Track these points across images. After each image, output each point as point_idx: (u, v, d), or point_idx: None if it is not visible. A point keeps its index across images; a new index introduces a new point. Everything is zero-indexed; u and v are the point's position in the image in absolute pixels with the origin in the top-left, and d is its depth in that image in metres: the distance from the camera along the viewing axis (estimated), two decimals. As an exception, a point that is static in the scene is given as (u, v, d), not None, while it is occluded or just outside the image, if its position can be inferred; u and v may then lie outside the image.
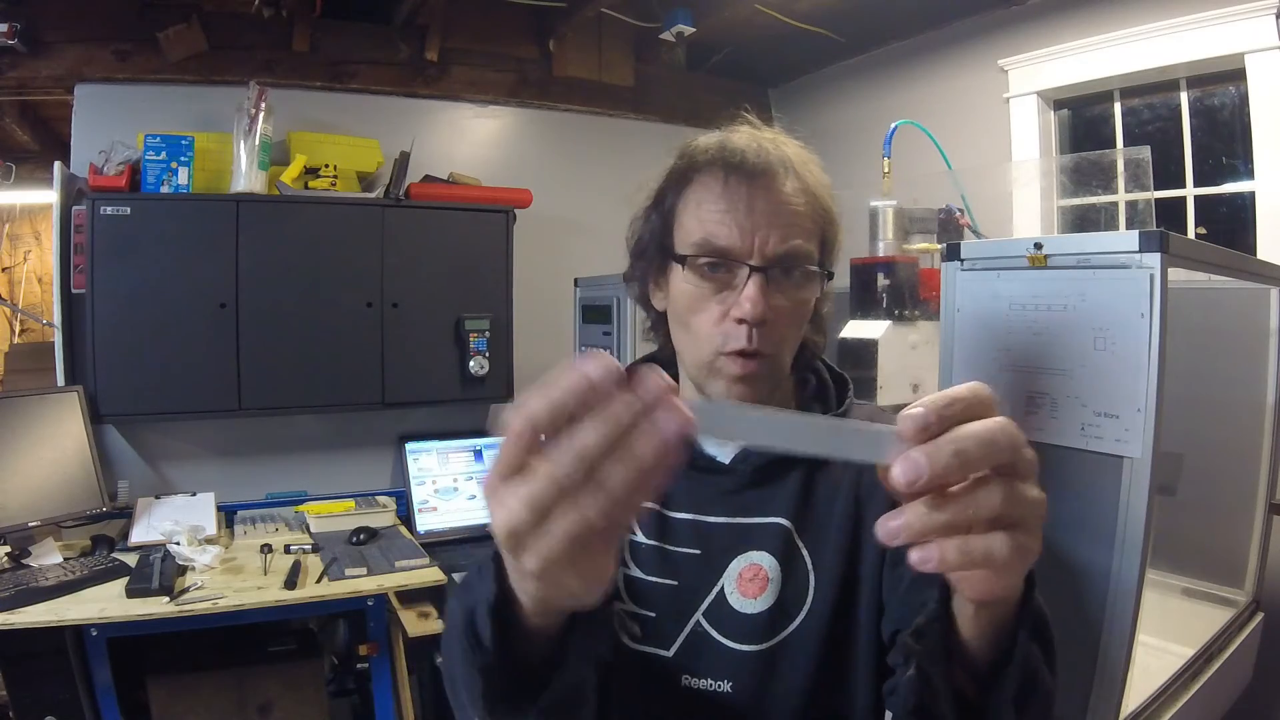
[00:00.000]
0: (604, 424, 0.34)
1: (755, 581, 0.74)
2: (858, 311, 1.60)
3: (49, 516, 2.03)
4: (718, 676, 0.73)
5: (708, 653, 0.73)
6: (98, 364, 2.15)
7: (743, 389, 0.72)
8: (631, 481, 0.34)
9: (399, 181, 2.49)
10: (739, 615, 0.73)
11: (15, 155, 3.35)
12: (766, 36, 2.80)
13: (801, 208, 0.72)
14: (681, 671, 0.73)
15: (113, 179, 2.19)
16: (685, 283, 0.72)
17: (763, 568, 0.74)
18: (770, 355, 0.72)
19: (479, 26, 2.81)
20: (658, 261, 0.76)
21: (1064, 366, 1.02)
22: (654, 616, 0.74)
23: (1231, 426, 1.56)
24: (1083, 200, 1.94)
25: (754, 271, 0.69)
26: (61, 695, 1.84)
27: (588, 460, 0.34)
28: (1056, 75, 2.29)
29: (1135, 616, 0.95)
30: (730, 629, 0.73)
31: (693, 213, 0.72)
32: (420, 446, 2.68)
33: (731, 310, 0.70)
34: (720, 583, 0.74)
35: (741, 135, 0.74)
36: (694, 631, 0.74)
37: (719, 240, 0.70)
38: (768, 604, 0.73)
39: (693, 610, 0.74)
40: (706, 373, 0.73)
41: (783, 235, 0.70)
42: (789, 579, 0.74)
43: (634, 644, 0.75)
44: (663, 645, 0.74)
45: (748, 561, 0.74)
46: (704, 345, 0.72)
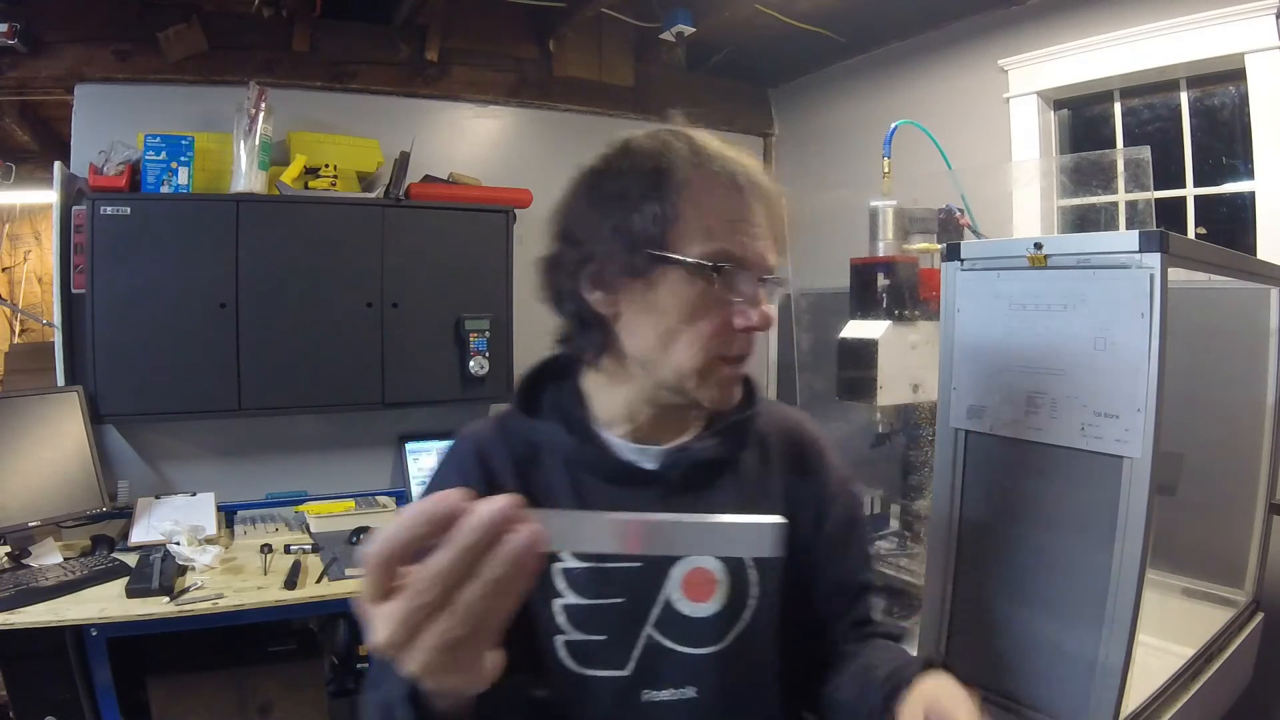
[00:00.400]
0: (456, 549, 0.38)
1: (704, 585, 0.76)
2: (858, 311, 1.60)
3: (49, 516, 2.03)
4: (680, 684, 0.74)
5: (665, 663, 0.74)
6: (98, 364, 2.15)
7: (731, 392, 0.75)
8: (487, 597, 0.38)
9: (399, 181, 2.49)
10: (691, 620, 0.75)
11: (15, 155, 3.35)
12: (766, 36, 2.80)
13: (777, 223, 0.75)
14: (641, 688, 0.73)
15: (113, 179, 2.19)
16: (690, 287, 0.70)
17: (709, 570, 0.76)
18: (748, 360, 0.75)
19: (479, 26, 2.81)
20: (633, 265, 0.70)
21: (1064, 366, 1.02)
22: (604, 639, 0.73)
23: (1231, 426, 1.56)
24: (1083, 200, 1.94)
25: (762, 282, 0.72)
26: (61, 695, 1.84)
27: (446, 583, 0.38)
28: (1056, 75, 2.29)
29: (1135, 616, 0.95)
30: (684, 635, 0.74)
31: (698, 219, 0.70)
32: (420, 446, 2.68)
33: (737, 319, 0.71)
34: (665, 591, 0.75)
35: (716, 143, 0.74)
36: (648, 645, 0.74)
37: (734, 250, 0.70)
38: (719, 605, 0.76)
39: (642, 624, 0.74)
40: (698, 379, 0.73)
41: (771, 249, 0.73)
42: (734, 577, 0.77)
43: (588, 670, 0.73)
44: (618, 666, 0.73)
45: (691, 566, 0.76)
46: (702, 351, 0.71)
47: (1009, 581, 1.09)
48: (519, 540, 0.38)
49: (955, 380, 1.16)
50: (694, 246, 0.70)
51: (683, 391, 0.74)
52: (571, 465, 0.77)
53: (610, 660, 0.73)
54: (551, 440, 0.77)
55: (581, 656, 0.72)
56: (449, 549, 0.38)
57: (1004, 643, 1.09)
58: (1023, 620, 1.07)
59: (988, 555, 1.12)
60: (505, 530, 0.38)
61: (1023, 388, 1.06)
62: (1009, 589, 1.09)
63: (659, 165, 0.71)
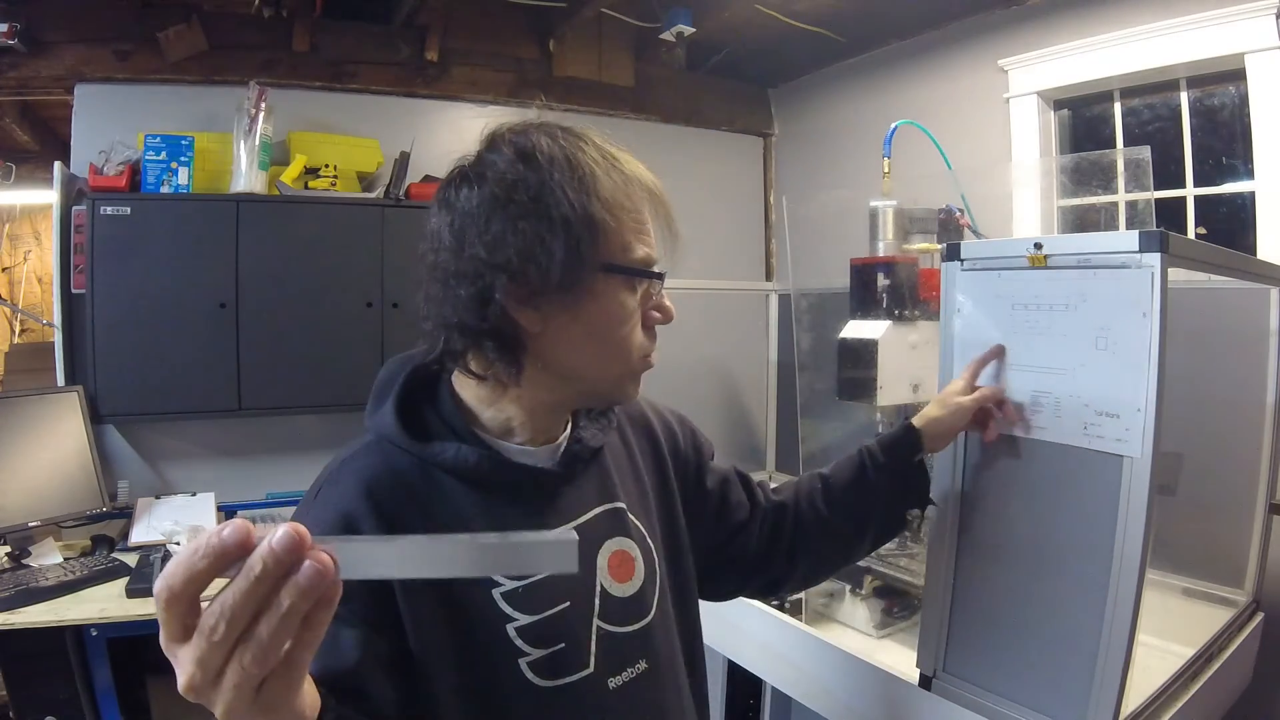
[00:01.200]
0: (244, 583, 0.36)
1: (626, 564, 0.80)
2: (858, 311, 1.60)
3: (49, 516, 2.03)
4: (633, 663, 0.77)
5: (617, 647, 0.77)
6: (98, 364, 2.15)
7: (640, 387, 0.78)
8: (284, 632, 0.37)
9: (399, 181, 2.49)
10: (624, 601, 0.78)
11: (15, 155, 3.35)
12: (766, 36, 2.80)
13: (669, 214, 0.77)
14: (605, 678, 0.75)
15: (113, 179, 2.19)
16: (627, 295, 0.72)
17: (626, 550, 0.80)
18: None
19: (479, 26, 2.81)
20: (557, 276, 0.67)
21: (1064, 366, 1.02)
22: (563, 646, 0.73)
23: (1231, 426, 1.56)
24: (1083, 200, 1.94)
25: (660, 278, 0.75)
26: (61, 695, 1.84)
27: (236, 619, 0.36)
28: (1056, 75, 2.29)
29: (1135, 616, 0.94)
30: (623, 616, 0.78)
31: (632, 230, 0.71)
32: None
33: (649, 318, 0.75)
34: (597, 581, 0.77)
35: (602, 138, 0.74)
36: (600, 636, 0.76)
37: (655, 255, 0.74)
38: (641, 579, 0.80)
39: (590, 618, 0.75)
40: (626, 381, 0.76)
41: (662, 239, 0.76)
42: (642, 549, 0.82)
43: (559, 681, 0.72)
44: (583, 666, 0.74)
45: (611, 550, 0.79)
46: (632, 354, 0.74)
47: (1009, 581, 1.09)
48: (308, 572, 0.36)
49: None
50: (623, 254, 0.70)
51: (608, 395, 0.78)
52: (477, 484, 0.72)
53: (575, 664, 0.73)
54: (457, 460, 0.71)
55: (548, 671, 0.72)
56: (237, 584, 0.36)
57: (1004, 643, 1.09)
58: (1023, 620, 1.07)
59: (988, 555, 1.12)
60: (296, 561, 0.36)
61: (1023, 387, 1.06)
62: (1009, 589, 1.09)
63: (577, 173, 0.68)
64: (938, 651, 1.16)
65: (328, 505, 0.71)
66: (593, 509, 0.79)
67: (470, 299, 0.68)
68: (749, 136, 3.43)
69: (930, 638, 1.17)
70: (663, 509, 0.88)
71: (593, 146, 0.72)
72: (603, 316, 0.71)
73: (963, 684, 1.13)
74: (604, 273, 0.69)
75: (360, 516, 0.68)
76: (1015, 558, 1.08)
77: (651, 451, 0.91)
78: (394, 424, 0.73)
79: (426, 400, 0.76)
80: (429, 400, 0.76)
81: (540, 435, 0.77)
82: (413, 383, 0.77)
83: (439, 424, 0.74)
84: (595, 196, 0.68)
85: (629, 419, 0.91)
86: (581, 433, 0.81)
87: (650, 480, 0.89)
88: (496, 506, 0.73)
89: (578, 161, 0.69)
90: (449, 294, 0.69)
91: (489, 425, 0.75)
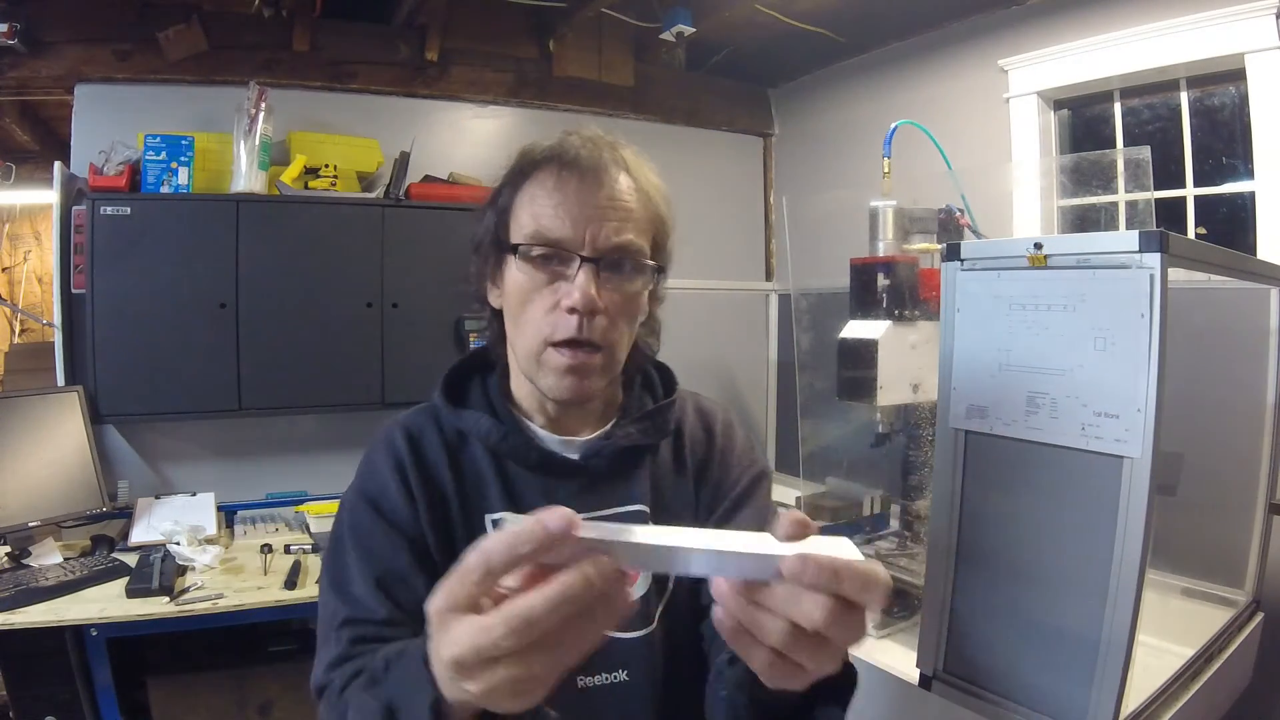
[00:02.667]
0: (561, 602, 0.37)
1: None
2: (858, 311, 1.60)
3: (49, 516, 2.03)
4: (611, 668, 0.75)
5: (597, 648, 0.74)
6: (98, 364, 2.15)
7: (572, 380, 0.73)
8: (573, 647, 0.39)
9: (399, 181, 2.49)
10: None
11: (15, 155, 3.35)
12: (766, 36, 2.80)
13: (633, 205, 0.74)
14: (575, 674, 0.73)
15: (113, 179, 2.19)
16: (519, 273, 0.73)
17: None
18: (602, 347, 0.73)
19: (479, 26, 2.81)
20: (493, 257, 0.77)
21: (1064, 366, 1.02)
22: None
23: (1231, 426, 1.56)
24: (1083, 200, 1.94)
25: (584, 262, 0.71)
26: (61, 695, 1.84)
27: (539, 629, 0.37)
28: (1056, 75, 2.29)
29: (1135, 616, 0.95)
30: None
31: (526, 207, 0.73)
32: (420, 446, 2.68)
33: (562, 300, 0.71)
34: None
35: (578, 136, 0.75)
36: None
37: (552, 232, 0.71)
38: (643, 589, 0.77)
39: None
40: (536, 365, 0.74)
41: (615, 229, 0.72)
42: None
43: None
44: None
45: None
46: (533, 335, 0.73)
47: (1009, 582, 1.09)
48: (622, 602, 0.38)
49: (955, 380, 1.16)
50: (519, 233, 0.73)
51: (533, 377, 0.76)
52: (498, 454, 0.78)
53: None
54: (477, 428, 0.78)
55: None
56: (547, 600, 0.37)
57: (1004, 643, 1.09)
58: (1023, 620, 1.07)
59: (988, 555, 1.12)
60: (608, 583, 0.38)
61: (1023, 388, 1.06)
62: (1009, 589, 1.09)
63: (512, 165, 0.77)
64: (938, 651, 1.16)
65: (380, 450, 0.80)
66: (611, 507, 0.78)
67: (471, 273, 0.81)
68: (749, 136, 3.43)
69: (930, 638, 1.17)
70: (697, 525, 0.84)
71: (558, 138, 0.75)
72: (509, 294, 0.75)
73: (963, 684, 1.13)
74: (510, 252, 0.74)
75: (403, 459, 0.77)
76: (1015, 558, 1.08)
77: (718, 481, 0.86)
78: (439, 391, 0.83)
79: (481, 376, 0.84)
80: (483, 376, 0.84)
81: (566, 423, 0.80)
82: (477, 360, 0.85)
83: (478, 396, 0.82)
84: (514, 183, 0.76)
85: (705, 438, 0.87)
86: (615, 430, 0.81)
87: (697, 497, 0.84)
88: (513, 478, 0.78)
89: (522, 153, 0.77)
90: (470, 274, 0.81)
91: (519, 401, 0.82)
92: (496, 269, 0.77)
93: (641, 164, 0.77)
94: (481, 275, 0.79)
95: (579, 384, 0.73)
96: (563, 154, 0.73)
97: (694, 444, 0.86)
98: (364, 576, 0.71)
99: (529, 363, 0.75)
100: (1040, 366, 1.04)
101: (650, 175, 0.77)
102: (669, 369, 0.90)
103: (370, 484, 0.77)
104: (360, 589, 0.71)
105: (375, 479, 0.78)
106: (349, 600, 0.71)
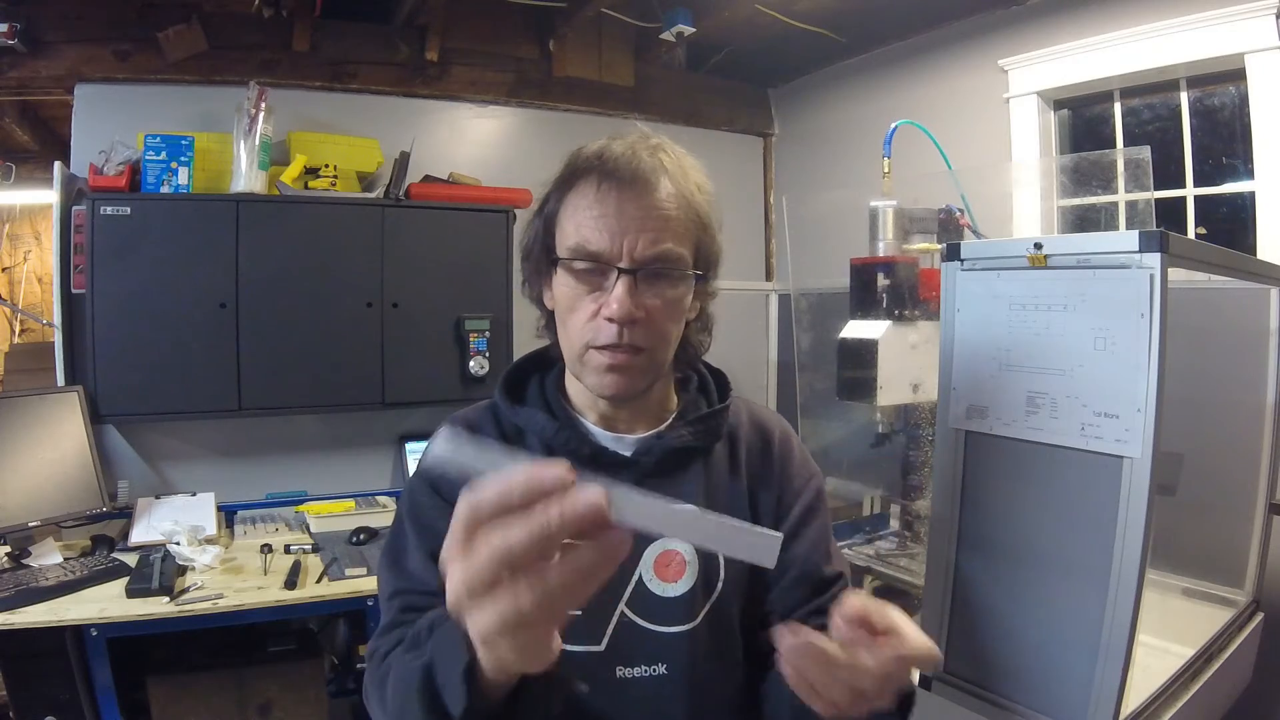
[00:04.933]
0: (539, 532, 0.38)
1: (673, 567, 0.79)
2: (858, 311, 1.60)
3: (49, 516, 2.03)
4: (651, 661, 0.77)
5: (637, 640, 0.77)
6: (98, 364, 2.15)
7: (613, 378, 0.76)
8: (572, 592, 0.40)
9: (399, 181, 2.49)
10: (661, 599, 0.78)
11: (15, 155, 3.35)
12: (766, 36, 2.80)
13: (673, 213, 0.75)
14: (614, 664, 0.76)
15: (113, 179, 2.19)
16: (562, 284, 0.76)
17: (680, 553, 0.80)
18: (643, 349, 0.75)
19: (479, 26, 2.81)
20: (542, 264, 0.80)
21: (1064, 366, 1.02)
22: (579, 614, 0.75)
23: (1231, 426, 1.56)
24: (1083, 200, 1.94)
25: (622, 274, 0.73)
26: (61, 695, 1.84)
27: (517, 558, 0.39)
28: (1056, 75, 2.29)
29: (1135, 616, 0.95)
30: (655, 614, 0.78)
31: (570, 217, 0.76)
32: (420, 446, 2.68)
33: (602, 310, 0.74)
34: (637, 571, 0.78)
35: (621, 143, 0.76)
36: (621, 622, 0.77)
37: (591, 244, 0.73)
38: (688, 586, 0.79)
39: (616, 601, 0.77)
40: (580, 366, 0.78)
41: (652, 239, 0.73)
42: (704, 560, 0.80)
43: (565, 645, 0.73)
44: (594, 641, 0.76)
45: (662, 548, 0.79)
46: (577, 340, 0.76)
47: (1009, 581, 1.09)
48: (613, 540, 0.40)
49: (955, 380, 1.16)
50: (563, 244, 0.76)
51: (579, 377, 0.80)
52: (552, 449, 0.80)
53: (585, 635, 0.75)
54: (533, 424, 0.82)
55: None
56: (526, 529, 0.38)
57: (1004, 643, 1.09)
58: (1023, 620, 1.07)
59: (988, 555, 1.12)
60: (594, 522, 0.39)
61: (1023, 388, 1.06)
62: (1009, 589, 1.09)
63: (559, 173, 0.78)
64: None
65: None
66: None
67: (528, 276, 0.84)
68: (749, 136, 3.43)
69: (930, 638, 1.17)
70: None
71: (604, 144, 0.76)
72: (557, 301, 0.78)
73: (963, 684, 1.13)
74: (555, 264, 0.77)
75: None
76: (1015, 558, 1.08)
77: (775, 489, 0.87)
78: (499, 388, 0.86)
79: (538, 373, 0.87)
80: (541, 374, 0.87)
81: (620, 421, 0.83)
82: (537, 358, 0.88)
83: (535, 393, 0.85)
84: (558, 188, 0.78)
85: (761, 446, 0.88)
86: (668, 431, 0.83)
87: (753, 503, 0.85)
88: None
89: (570, 160, 0.78)
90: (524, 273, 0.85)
91: (574, 399, 0.85)
92: (547, 274, 0.80)
93: (684, 166, 0.78)
94: (534, 280, 0.83)
95: (620, 381, 0.76)
96: (604, 163, 0.74)
97: (750, 452, 0.88)
98: (420, 551, 0.75)
99: (575, 364, 0.79)
100: (1040, 366, 1.05)
101: (693, 176, 0.78)
102: (724, 374, 0.92)
103: (432, 469, 0.80)
104: (415, 563, 0.75)
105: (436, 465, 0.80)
106: (403, 574, 0.76)
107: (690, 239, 0.77)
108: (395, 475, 2.72)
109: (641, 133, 0.79)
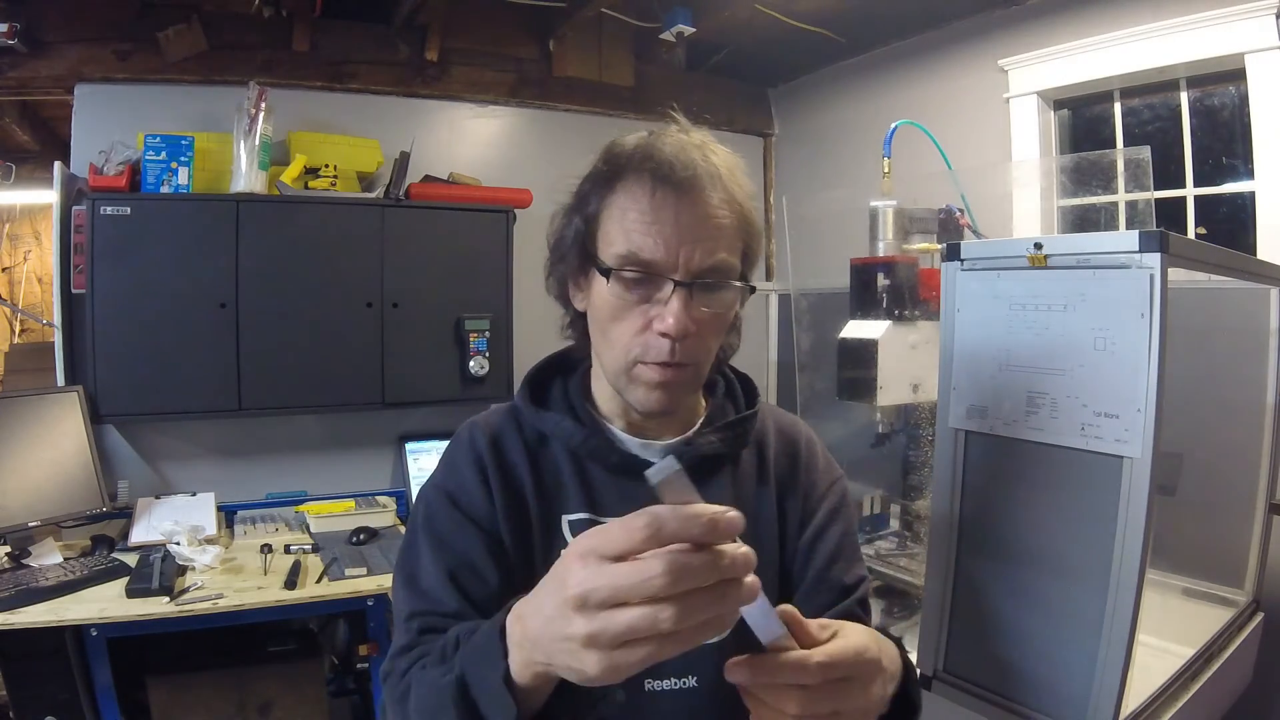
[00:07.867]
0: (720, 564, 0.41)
1: None
2: (858, 311, 1.60)
3: (49, 516, 2.03)
4: (680, 674, 0.75)
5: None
6: (98, 364, 2.15)
7: (661, 395, 0.73)
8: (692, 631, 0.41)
9: (399, 181, 2.49)
10: None
11: (15, 155, 3.35)
12: (766, 36, 2.80)
13: (726, 221, 0.71)
14: (644, 676, 0.73)
15: (113, 179, 2.19)
16: (609, 293, 0.71)
17: None
18: (691, 365, 0.73)
19: (479, 26, 2.81)
20: (578, 264, 0.75)
21: (1064, 366, 1.02)
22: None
23: (1231, 426, 1.56)
24: (1083, 200, 1.94)
25: (678, 286, 0.69)
26: (61, 695, 1.84)
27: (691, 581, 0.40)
28: (1056, 75, 2.29)
29: (1135, 616, 0.95)
30: None
31: (618, 221, 0.71)
32: (420, 446, 2.68)
33: (654, 323, 0.70)
34: None
35: (669, 141, 0.71)
36: None
37: (644, 253, 0.68)
38: None
39: None
40: (625, 379, 0.74)
41: (708, 250, 0.69)
42: None
43: None
44: None
45: None
46: (623, 353, 0.72)
47: (1009, 581, 1.09)
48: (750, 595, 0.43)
49: (955, 380, 1.16)
50: (609, 249, 0.71)
51: (620, 389, 0.76)
52: (578, 455, 0.79)
53: None
54: (559, 430, 0.79)
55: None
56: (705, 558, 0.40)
57: (1004, 643, 1.09)
58: (1023, 620, 1.07)
59: (988, 555, 1.12)
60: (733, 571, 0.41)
61: (1023, 388, 1.06)
62: (1009, 589, 1.09)
63: (598, 167, 0.74)
64: (938, 651, 1.16)
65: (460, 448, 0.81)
66: None
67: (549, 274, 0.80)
68: (749, 136, 3.43)
69: (930, 638, 1.17)
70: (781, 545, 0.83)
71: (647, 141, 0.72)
72: (598, 308, 0.74)
73: (963, 684, 1.13)
74: (602, 272, 0.71)
75: (484, 458, 0.78)
76: (1015, 558, 1.08)
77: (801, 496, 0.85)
78: (523, 392, 0.83)
79: (562, 377, 0.84)
80: (564, 377, 0.84)
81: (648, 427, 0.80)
82: (560, 361, 0.86)
83: (559, 397, 0.83)
84: (602, 190, 0.72)
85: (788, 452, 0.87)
86: (697, 437, 0.81)
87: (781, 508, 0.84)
88: (593, 480, 0.78)
89: (611, 156, 0.73)
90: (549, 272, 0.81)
91: (600, 404, 0.82)
92: (582, 275, 0.76)
93: (734, 170, 0.74)
94: (564, 277, 0.78)
95: (667, 398, 0.73)
96: (656, 163, 0.69)
97: (778, 458, 0.86)
98: (437, 568, 0.73)
99: (618, 378, 0.74)
100: (1040, 366, 1.04)
101: (742, 181, 0.75)
102: (751, 380, 0.90)
103: (449, 480, 0.78)
104: (431, 582, 0.73)
105: (455, 476, 0.78)
106: (419, 594, 0.73)
107: (739, 246, 0.74)
108: (395, 475, 2.72)
109: (682, 126, 0.74)
